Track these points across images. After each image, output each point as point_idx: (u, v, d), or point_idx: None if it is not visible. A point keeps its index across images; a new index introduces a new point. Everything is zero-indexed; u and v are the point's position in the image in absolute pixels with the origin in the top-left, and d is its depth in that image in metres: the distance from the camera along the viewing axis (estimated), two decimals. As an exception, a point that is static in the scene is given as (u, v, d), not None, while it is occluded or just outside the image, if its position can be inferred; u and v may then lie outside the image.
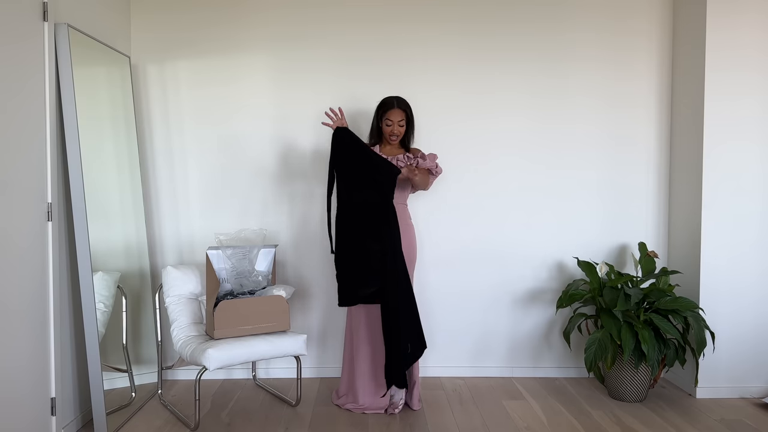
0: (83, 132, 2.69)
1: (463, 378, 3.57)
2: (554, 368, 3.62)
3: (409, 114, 3.09)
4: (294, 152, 3.51)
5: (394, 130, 3.06)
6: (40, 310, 2.48)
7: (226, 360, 2.72)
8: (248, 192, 3.52)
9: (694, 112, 3.31)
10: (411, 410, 3.06)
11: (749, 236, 3.26)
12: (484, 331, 3.60)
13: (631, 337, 2.99)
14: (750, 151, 3.23)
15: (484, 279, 3.58)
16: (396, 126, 3.06)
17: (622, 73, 3.54)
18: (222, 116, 3.49)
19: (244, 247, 2.99)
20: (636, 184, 3.58)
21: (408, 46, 3.50)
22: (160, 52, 3.46)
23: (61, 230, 2.65)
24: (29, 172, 2.42)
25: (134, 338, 3.20)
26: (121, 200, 3.18)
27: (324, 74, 3.49)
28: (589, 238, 3.58)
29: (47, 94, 2.54)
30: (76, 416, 2.79)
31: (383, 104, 3.10)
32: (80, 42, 2.75)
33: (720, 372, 3.26)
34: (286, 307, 2.96)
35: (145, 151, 3.48)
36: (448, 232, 3.56)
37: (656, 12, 3.52)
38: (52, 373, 2.56)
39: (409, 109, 3.09)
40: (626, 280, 3.21)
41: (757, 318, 3.28)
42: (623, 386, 3.18)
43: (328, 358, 3.58)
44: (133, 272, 3.21)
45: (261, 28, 3.47)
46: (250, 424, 2.89)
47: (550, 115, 3.54)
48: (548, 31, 3.51)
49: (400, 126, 3.07)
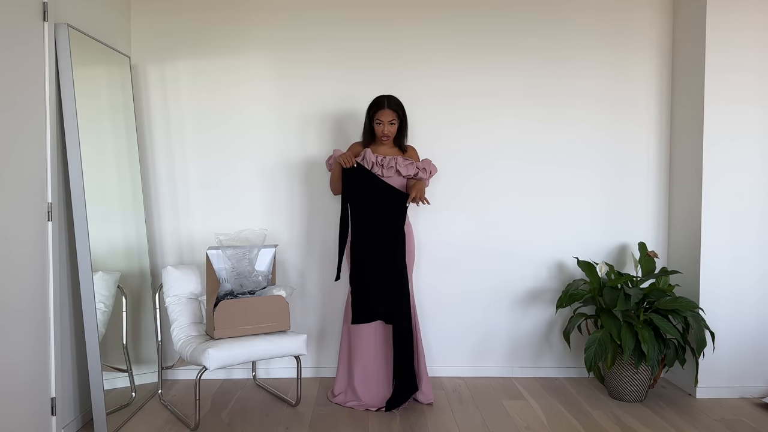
0: (83, 132, 2.69)
1: (463, 378, 3.57)
2: (554, 368, 3.62)
3: (400, 113, 3.06)
4: (294, 152, 3.51)
5: (385, 130, 3.05)
6: (40, 310, 2.48)
7: (226, 360, 2.72)
8: (248, 192, 3.52)
9: (694, 111, 3.31)
10: (412, 410, 3.06)
11: (749, 236, 3.25)
12: (484, 331, 3.60)
13: (631, 337, 2.99)
14: (750, 151, 3.23)
15: (484, 279, 3.58)
16: (387, 125, 3.04)
17: (622, 73, 3.54)
18: (222, 116, 3.49)
19: (244, 247, 2.99)
20: (636, 184, 3.58)
21: (407, 47, 3.49)
22: (160, 52, 3.46)
23: (61, 230, 2.66)
24: (29, 172, 2.42)
25: (134, 338, 3.20)
26: (121, 200, 3.18)
27: (324, 75, 3.48)
28: (589, 238, 3.58)
29: (47, 94, 2.54)
30: (76, 416, 2.79)
31: (374, 104, 3.07)
32: (80, 42, 2.75)
33: (720, 372, 3.26)
34: (286, 307, 2.96)
35: (145, 151, 3.48)
36: (448, 232, 3.56)
37: (656, 12, 3.52)
38: (52, 372, 2.56)
39: (401, 109, 3.07)
40: (626, 280, 3.21)
41: (757, 318, 3.28)
42: (623, 386, 3.18)
43: (327, 358, 3.58)
44: (133, 272, 3.21)
45: (261, 28, 3.47)
46: (250, 424, 2.89)
47: (550, 115, 3.54)
48: (548, 32, 3.51)
49: (391, 125, 3.05)
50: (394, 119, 3.05)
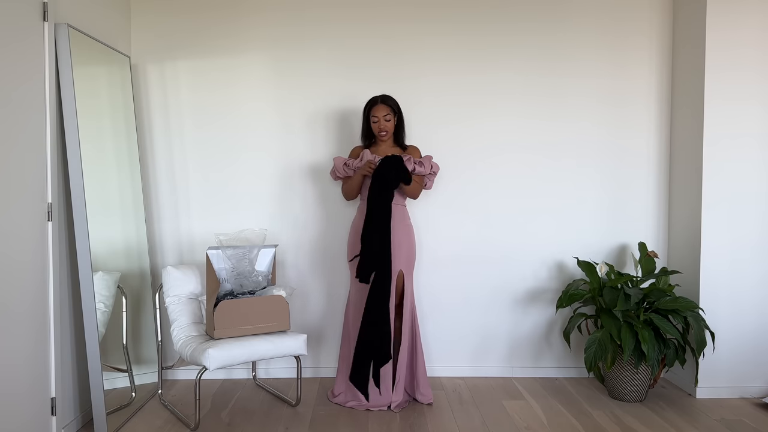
0: (83, 132, 2.69)
1: (463, 378, 3.57)
2: (554, 368, 3.62)
3: (395, 108, 3.10)
4: (294, 151, 3.51)
5: (381, 126, 3.07)
6: (40, 310, 2.48)
7: (227, 360, 2.72)
8: (248, 192, 3.52)
9: (694, 111, 3.31)
10: (412, 410, 3.06)
11: (749, 236, 3.25)
12: (484, 331, 3.60)
13: (631, 337, 2.99)
14: (750, 150, 3.23)
15: (484, 279, 3.58)
16: (382, 121, 3.07)
17: (622, 72, 3.54)
18: (222, 116, 3.49)
19: (244, 248, 2.99)
20: (636, 184, 3.58)
21: (407, 46, 3.49)
22: (160, 52, 3.46)
23: (61, 230, 2.65)
24: (29, 172, 2.42)
25: (134, 338, 3.20)
26: (121, 200, 3.18)
27: (323, 74, 3.48)
28: (589, 238, 3.58)
29: (47, 94, 2.54)
30: (76, 416, 2.79)
31: (368, 102, 3.13)
32: (80, 42, 2.75)
33: (720, 372, 3.26)
34: (286, 307, 2.96)
35: (145, 150, 3.48)
36: (448, 232, 3.56)
37: (656, 12, 3.52)
38: (52, 372, 2.56)
39: (395, 105, 3.11)
40: (626, 280, 3.20)
41: (757, 318, 3.28)
42: (623, 386, 3.18)
43: (327, 358, 3.58)
44: (133, 272, 3.21)
45: (260, 27, 3.47)
46: (250, 424, 2.89)
47: (550, 115, 3.54)
48: (548, 31, 3.51)
49: (386, 121, 3.07)
50: (389, 114, 3.07)
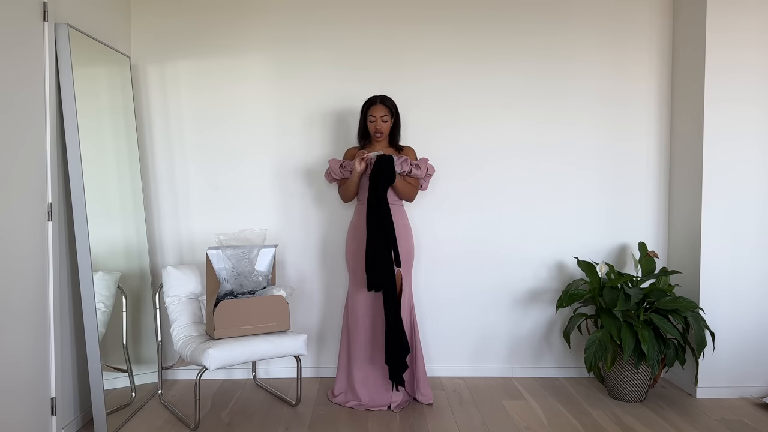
0: (83, 132, 2.69)
1: (463, 378, 3.57)
2: (554, 368, 3.62)
3: (393, 110, 3.10)
4: (294, 151, 3.51)
5: (377, 126, 3.07)
6: (40, 310, 2.48)
7: (227, 360, 2.72)
8: (248, 192, 3.52)
9: (694, 112, 3.31)
10: (412, 410, 3.06)
11: (749, 236, 3.26)
12: (484, 331, 3.60)
13: (631, 337, 2.99)
14: (750, 151, 3.23)
15: (484, 279, 3.58)
16: (379, 122, 3.06)
17: (622, 73, 3.54)
18: (222, 116, 3.49)
19: (244, 247, 2.99)
20: (636, 184, 3.58)
21: (406, 48, 3.49)
22: (160, 53, 3.46)
23: (61, 230, 2.65)
24: (29, 172, 2.42)
25: (134, 338, 3.20)
26: (121, 200, 3.18)
27: (323, 75, 3.48)
28: (589, 238, 3.58)
29: (47, 94, 2.54)
30: (76, 416, 2.79)
31: (366, 102, 3.12)
32: (80, 42, 2.75)
33: (720, 372, 3.26)
34: (286, 307, 2.96)
35: (145, 150, 3.48)
36: (448, 232, 3.56)
37: (656, 13, 3.52)
38: (52, 372, 2.56)
39: (393, 106, 3.11)
40: (626, 280, 3.21)
41: (757, 318, 3.28)
42: (623, 386, 3.18)
43: (327, 358, 3.58)
44: (133, 272, 3.21)
45: (261, 29, 3.47)
46: (250, 424, 2.89)
47: (550, 115, 3.54)
48: (548, 33, 3.51)
49: (383, 121, 3.07)
50: (386, 115, 3.07)
